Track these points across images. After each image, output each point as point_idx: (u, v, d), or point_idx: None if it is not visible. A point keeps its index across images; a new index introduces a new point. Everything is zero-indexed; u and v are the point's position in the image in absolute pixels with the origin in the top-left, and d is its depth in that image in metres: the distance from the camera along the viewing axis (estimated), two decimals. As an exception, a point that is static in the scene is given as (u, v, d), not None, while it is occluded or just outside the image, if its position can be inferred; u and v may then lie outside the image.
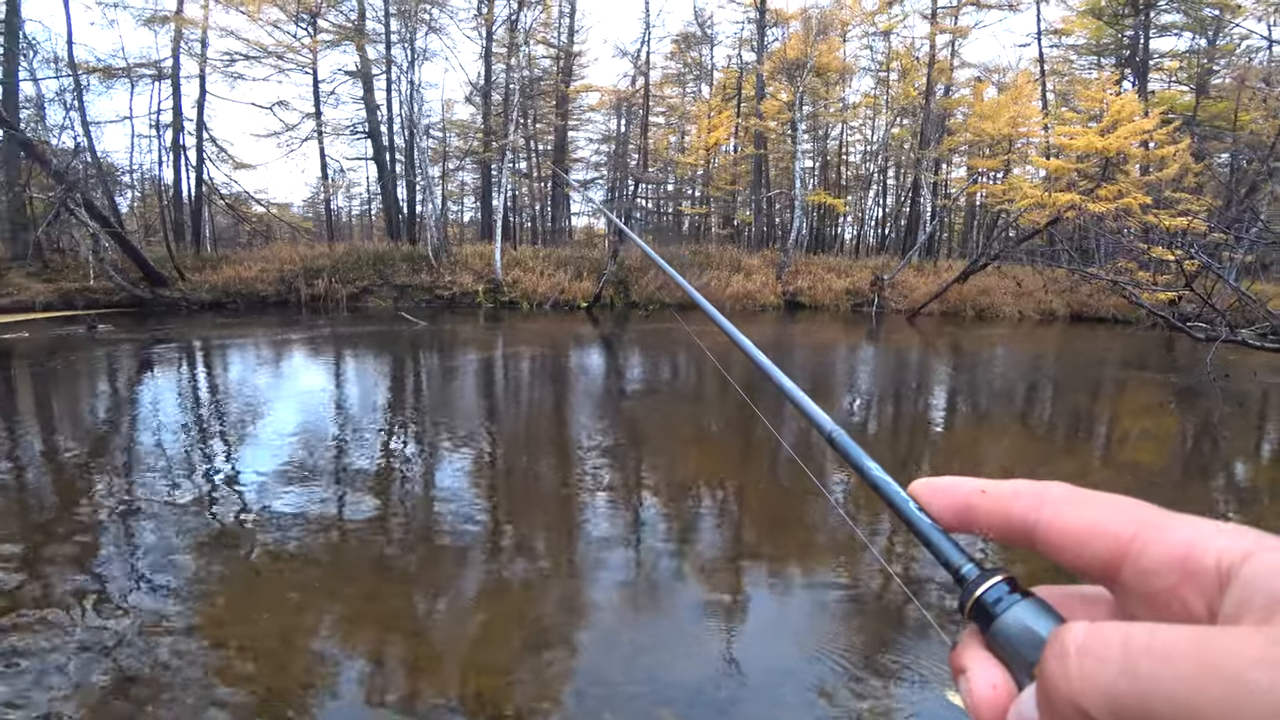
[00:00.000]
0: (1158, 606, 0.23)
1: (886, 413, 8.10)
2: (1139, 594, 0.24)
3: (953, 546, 0.30)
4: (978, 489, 0.30)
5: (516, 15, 24.11)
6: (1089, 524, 0.26)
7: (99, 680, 2.57)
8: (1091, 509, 0.26)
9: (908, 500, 0.32)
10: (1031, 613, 0.26)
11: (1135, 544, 0.24)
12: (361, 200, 38.72)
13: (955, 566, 0.29)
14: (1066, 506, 0.27)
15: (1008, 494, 0.29)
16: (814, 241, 30.76)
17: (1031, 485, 0.28)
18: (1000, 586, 0.27)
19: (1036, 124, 24.80)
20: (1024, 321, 19.91)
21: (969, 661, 0.27)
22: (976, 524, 0.30)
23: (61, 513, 4.32)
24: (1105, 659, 0.19)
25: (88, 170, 17.93)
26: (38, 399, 7.96)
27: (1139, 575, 0.24)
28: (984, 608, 0.27)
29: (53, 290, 16.69)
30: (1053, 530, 0.27)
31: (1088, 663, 0.20)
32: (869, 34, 29.86)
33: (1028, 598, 0.27)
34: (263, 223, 27.67)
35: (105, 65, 22.19)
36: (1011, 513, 0.28)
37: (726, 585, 3.52)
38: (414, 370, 10.41)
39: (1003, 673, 0.26)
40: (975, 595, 0.28)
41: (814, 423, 0.42)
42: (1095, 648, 0.20)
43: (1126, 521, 0.25)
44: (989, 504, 0.29)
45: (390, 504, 4.62)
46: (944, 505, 0.31)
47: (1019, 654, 0.25)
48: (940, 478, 0.32)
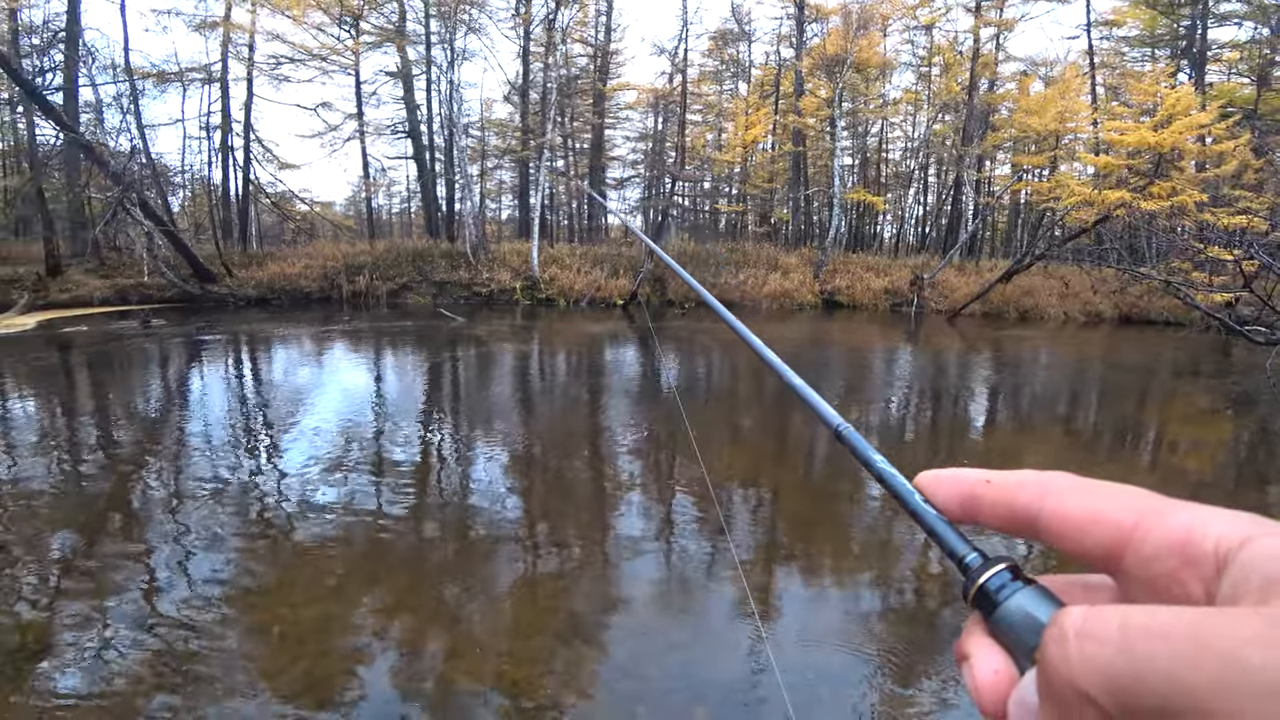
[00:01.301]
0: (1158, 591, 0.23)
1: (924, 416, 7.96)
2: (1141, 580, 0.24)
3: (957, 536, 0.30)
4: (982, 479, 0.30)
5: (554, 14, 24.26)
6: (1092, 512, 0.26)
7: (150, 657, 2.68)
8: (1094, 497, 0.26)
9: (913, 492, 0.32)
10: (1033, 599, 0.26)
11: (1137, 531, 0.24)
12: (401, 198, 39.45)
13: (959, 555, 0.30)
14: (1070, 495, 0.27)
15: (1012, 484, 0.29)
16: (852, 240, 30.33)
17: (1035, 475, 0.29)
18: (1003, 574, 0.27)
19: (1085, 119, 24.04)
20: (1069, 323, 19.33)
21: (972, 648, 0.27)
22: (981, 514, 0.30)
23: (116, 497, 4.51)
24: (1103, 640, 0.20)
25: (143, 171, 18.61)
26: (95, 390, 8.30)
27: (1140, 561, 0.24)
28: (987, 595, 0.27)
29: (109, 286, 17.37)
30: (1056, 519, 0.27)
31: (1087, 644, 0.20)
32: (910, 28, 29.29)
33: (1030, 585, 0.27)
34: (306, 221, 28.36)
35: (159, 70, 23.01)
36: (1016, 502, 0.28)
37: (760, 583, 3.51)
38: (452, 366, 10.58)
39: (1005, 659, 0.26)
40: (979, 583, 0.28)
41: (822, 418, 0.42)
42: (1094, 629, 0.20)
43: (1128, 509, 0.25)
44: (994, 494, 0.29)
45: (427, 496, 4.71)
46: (949, 496, 0.31)
47: (1021, 640, 0.26)
48: (945, 470, 0.32)
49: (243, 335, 12.78)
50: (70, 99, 18.79)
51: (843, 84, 22.96)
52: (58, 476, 4.91)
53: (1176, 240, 16.70)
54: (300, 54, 24.49)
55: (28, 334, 12.27)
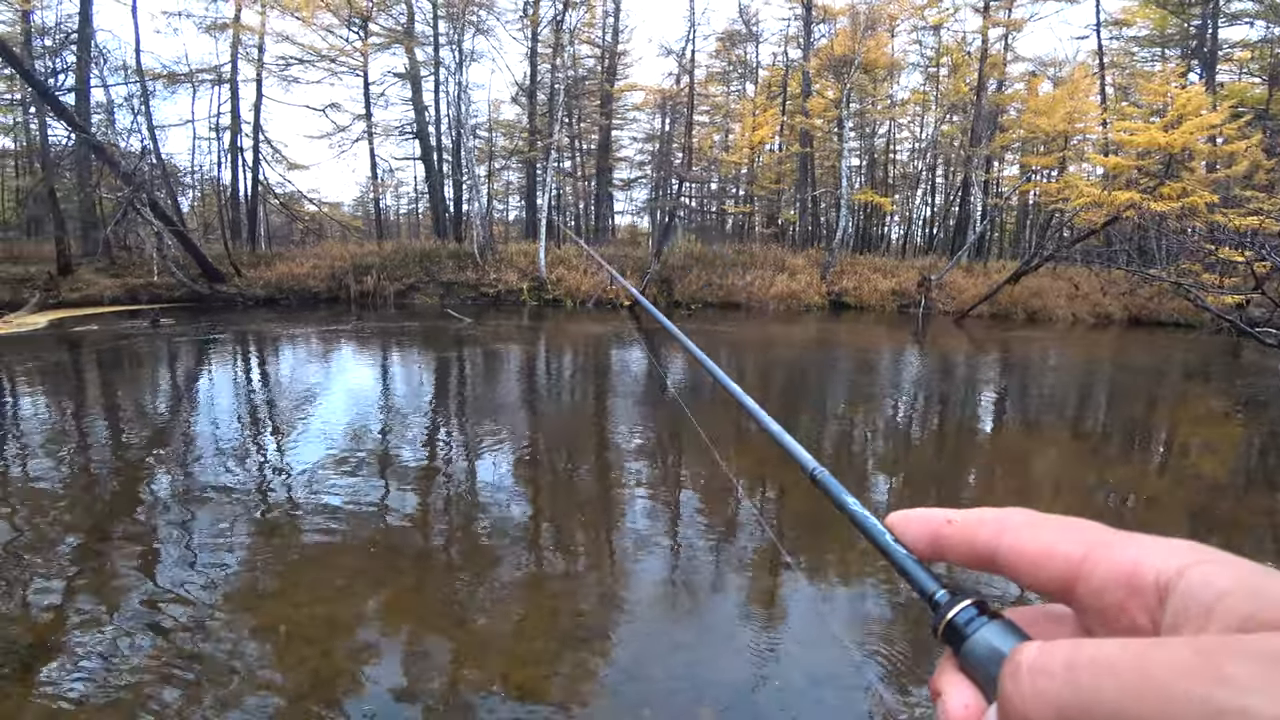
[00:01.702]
0: (1109, 621, 0.24)
1: (932, 417, 7.94)
2: (1093, 610, 0.25)
3: (926, 574, 0.31)
4: (945, 519, 0.31)
5: (562, 16, 24.30)
6: (1044, 547, 0.27)
7: (155, 657, 2.69)
8: (1047, 532, 0.27)
9: (884, 532, 0.33)
10: (997, 633, 0.27)
11: (1086, 564, 0.25)
12: (409, 199, 39.57)
13: (929, 593, 0.30)
14: (1025, 531, 0.28)
15: (973, 523, 0.30)
16: (860, 241, 30.26)
17: (994, 513, 0.30)
18: (969, 609, 0.28)
19: (1094, 119, 23.90)
20: (1078, 325, 19.23)
21: (944, 685, 0.28)
22: (947, 552, 0.31)
23: (123, 497, 4.54)
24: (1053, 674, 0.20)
25: (153, 172, 18.72)
26: (105, 388, 8.36)
27: (1091, 593, 0.25)
28: (955, 630, 0.28)
29: (119, 285, 17.50)
30: (1012, 554, 0.28)
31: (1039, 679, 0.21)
32: (918, 29, 29.23)
33: (996, 619, 0.27)
34: (315, 221, 28.50)
35: (169, 71, 23.16)
36: (976, 540, 0.29)
37: (766, 584, 3.50)
38: (458, 366, 10.60)
39: (975, 693, 0.27)
40: (947, 618, 0.28)
41: (798, 461, 0.43)
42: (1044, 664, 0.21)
43: (1078, 543, 0.26)
44: (956, 533, 0.30)
45: (433, 496, 4.72)
46: (917, 536, 0.32)
47: (987, 673, 0.26)
48: (914, 510, 0.33)
49: (251, 335, 12.85)
50: (82, 100, 18.92)
51: (850, 85, 22.90)
52: (67, 474, 4.95)
53: (1187, 241, 16.59)
54: (309, 55, 24.63)
55: (39, 332, 12.37)
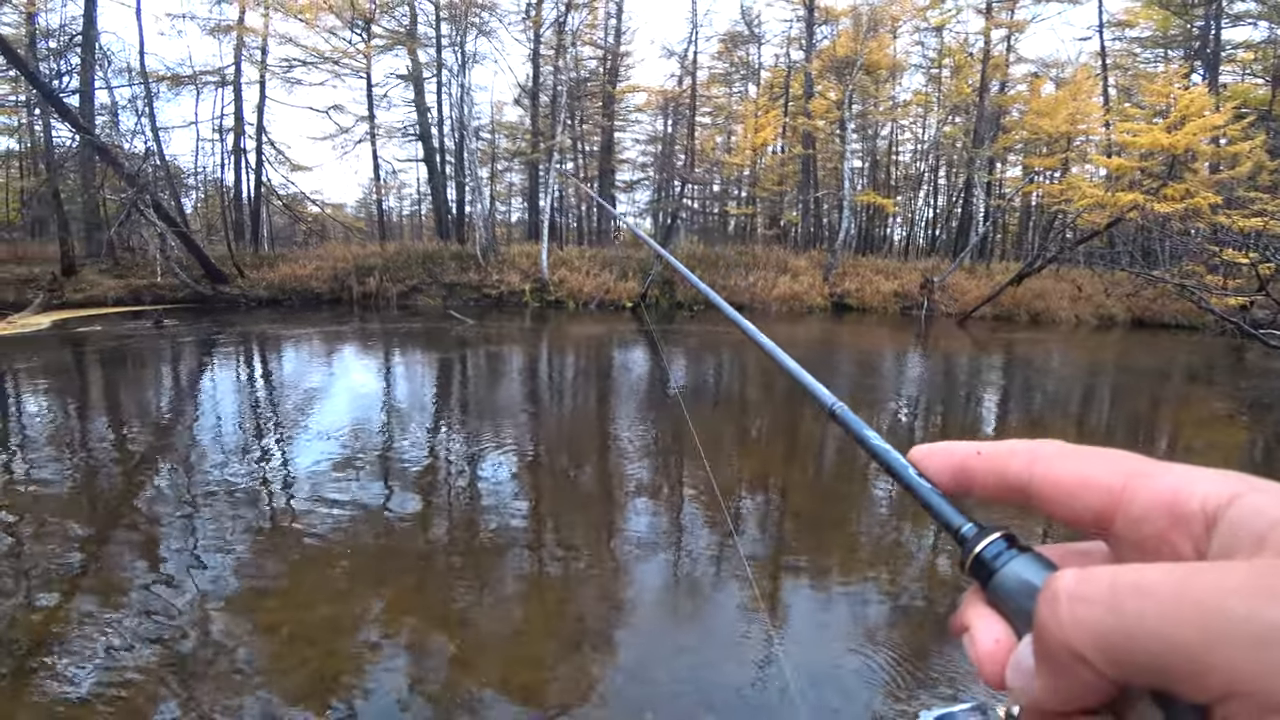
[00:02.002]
0: (1149, 553, 0.23)
1: (935, 418, 7.92)
2: (1131, 542, 0.24)
3: (951, 508, 0.31)
4: (974, 451, 0.30)
5: (564, 17, 24.34)
6: (1081, 477, 0.26)
7: (157, 657, 2.69)
8: (1083, 462, 0.27)
9: (907, 466, 0.33)
10: (1028, 566, 0.26)
11: (1125, 493, 0.24)
12: (412, 201, 39.61)
13: (955, 527, 0.30)
14: (1058, 462, 0.27)
15: (1003, 453, 0.29)
16: (862, 243, 30.23)
17: (1025, 444, 0.29)
18: (998, 543, 0.27)
19: (1097, 121, 23.87)
20: (1081, 326, 19.20)
21: (972, 618, 0.27)
22: (974, 484, 0.30)
23: (126, 497, 4.54)
24: (1094, 600, 0.20)
25: (156, 173, 18.78)
26: (107, 388, 8.38)
27: (1130, 523, 0.24)
28: (983, 564, 0.27)
29: (123, 286, 17.54)
30: (1046, 485, 0.27)
31: (1078, 606, 0.20)
32: (920, 30, 29.19)
33: (1025, 552, 0.27)
34: (317, 222, 28.54)
35: (173, 73, 23.22)
36: (1007, 471, 0.29)
37: (769, 587, 3.50)
38: (461, 367, 10.61)
39: (1005, 627, 0.26)
40: (974, 552, 0.28)
41: (816, 398, 0.42)
42: (1084, 591, 0.20)
43: (1116, 472, 0.25)
44: (985, 464, 0.30)
45: (436, 497, 4.72)
46: (941, 468, 0.31)
47: (1018, 606, 0.26)
48: (938, 443, 0.32)
49: (254, 336, 12.87)
50: (86, 102, 19.00)
51: (853, 86, 22.89)
52: (69, 474, 4.95)
53: (1190, 243, 16.56)
54: (312, 57, 24.68)
55: (42, 333, 12.39)
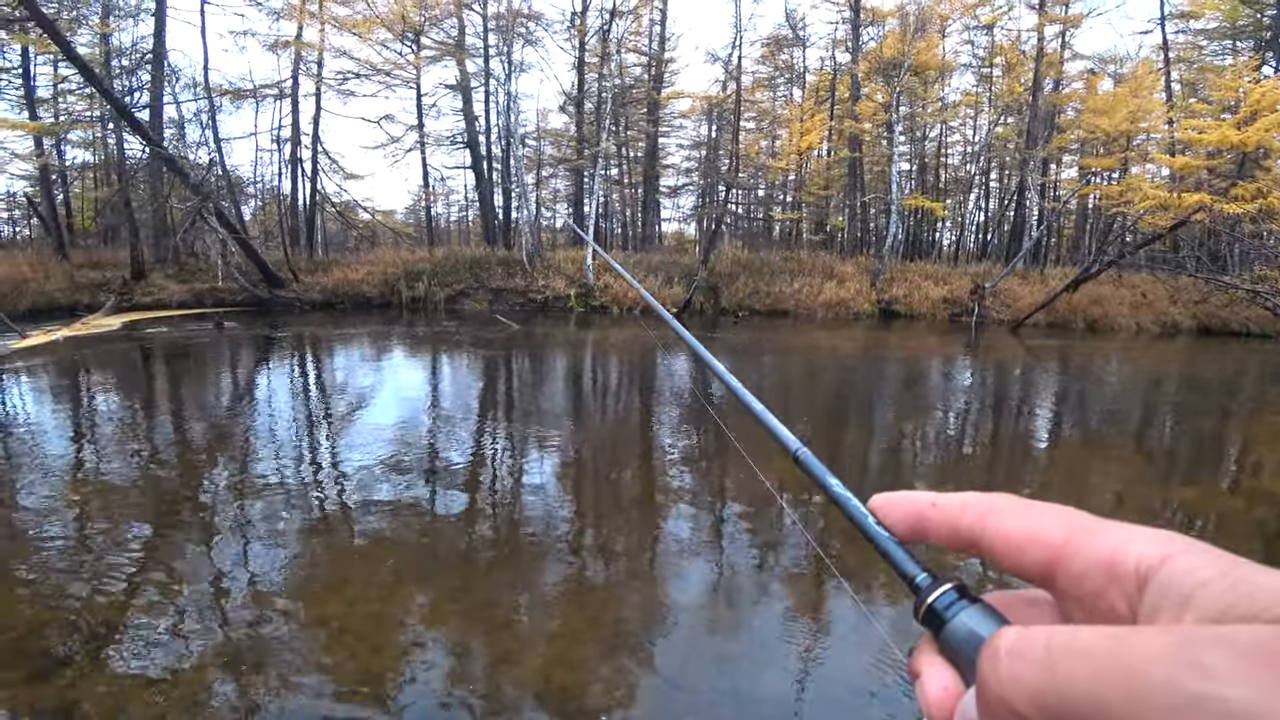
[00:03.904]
0: (1088, 608, 0.24)
1: (984, 429, 7.71)
2: (1072, 596, 0.25)
3: (907, 557, 0.31)
4: (929, 502, 0.31)
5: (609, 25, 24.56)
6: (1027, 531, 0.27)
7: (215, 644, 2.81)
8: (1030, 517, 0.27)
9: (867, 515, 0.33)
10: (977, 617, 0.27)
11: (1067, 549, 0.25)
12: (460, 207, 40.39)
13: (910, 576, 0.30)
14: (1008, 517, 0.28)
15: (956, 506, 0.30)
16: (910, 247, 29.63)
17: (978, 497, 0.30)
18: (950, 593, 0.28)
19: (1160, 118, 22.95)
20: (1142, 334, 18.42)
21: (923, 665, 0.28)
22: (929, 535, 0.31)
23: (186, 489, 4.75)
24: (1031, 659, 0.20)
25: (219, 182, 19.63)
26: (172, 387, 8.77)
27: (1071, 579, 0.25)
28: (935, 613, 0.28)
29: (187, 290, 18.34)
30: (996, 539, 0.28)
31: (1016, 664, 0.21)
32: (970, 28, 28.52)
33: (975, 603, 0.28)
34: (368, 228, 29.41)
35: (235, 88, 24.22)
36: (960, 523, 0.30)
37: (811, 598, 3.46)
38: (506, 370, 10.77)
39: (954, 675, 0.27)
40: (927, 602, 0.29)
41: (780, 442, 0.43)
42: (1023, 649, 0.21)
43: (1060, 528, 0.26)
44: (939, 516, 0.31)
45: (479, 498, 4.80)
46: (899, 518, 0.32)
47: (966, 656, 0.26)
48: (897, 492, 0.33)
49: (307, 338, 13.30)
50: (155, 116, 19.96)
51: (900, 87, 22.50)
52: (135, 466, 5.20)
53: (1263, 246, 15.76)
54: (365, 69, 25.44)
55: (114, 334, 13.06)
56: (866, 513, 0.33)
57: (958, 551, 0.30)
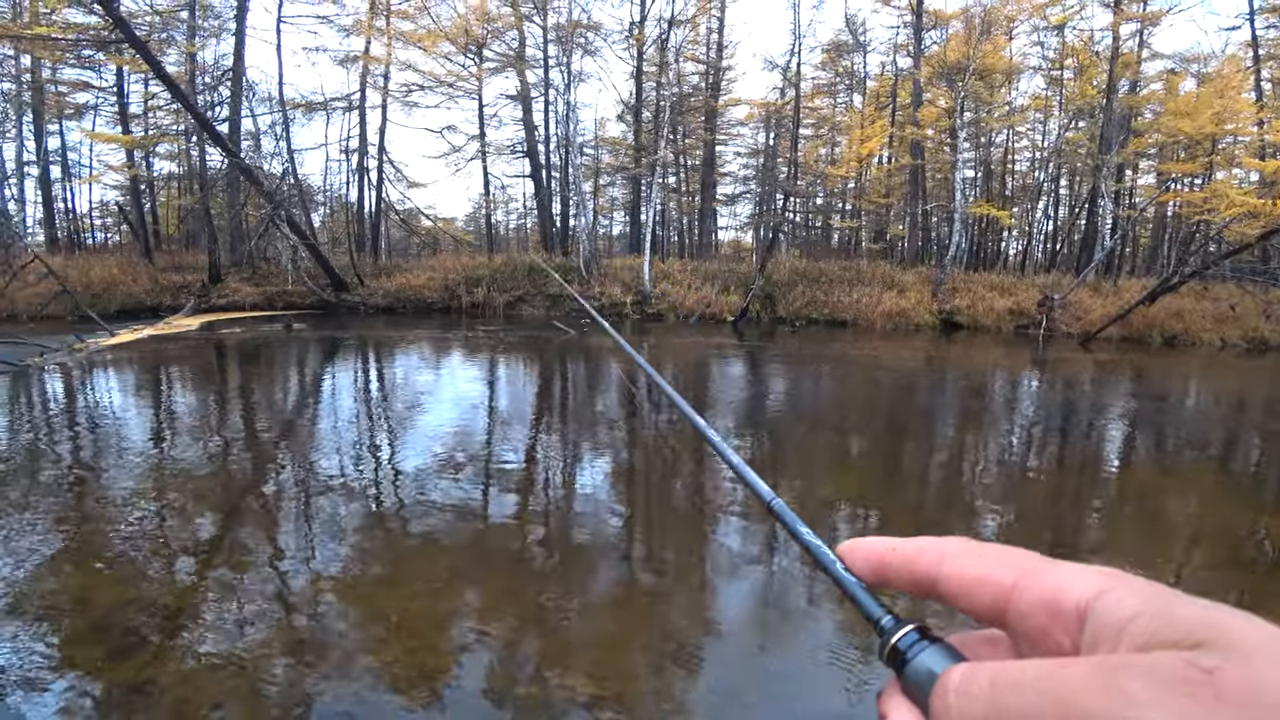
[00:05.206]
0: (1037, 645, 0.25)
1: (1050, 449, 7.38)
2: (1023, 634, 0.26)
3: (873, 600, 0.32)
4: (889, 548, 0.32)
5: (666, 35, 24.68)
6: (979, 574, 0.28)
7: (278, 631, 2.91)
8: (982, 561, 0.28)
9: (835, 561, 0.34)
10: (935, 656, 0.28)
11: (1015, 590, 0.26)
12: (519, 214, 41.26)
13: (875, 618, 0.31)
14: (962, 560, 0.29)
15: (913, 551, 0.31)
16: (974, 257, 28.71)
17: (934, 541, 0.31)
18: (911, 634, 0.29)
19: (1248, 119, 21.62)
20: (1226, 350, 17.34)
21: (889, 707, 0.29)
22: (890, 579, 0.32)
23: (254, 482, 4.96)
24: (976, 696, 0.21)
25: (291, 191, 20.54)
26: (244, 384, 9.19)
27: (1019, 618, 0.26)
28: (898, 654, 0.29)
29: (259, 293, 19.23)
30: (950, 581, 0.29)
31: (963, 700, 0.22)
32: (1039, 29, 27.44)
33: (936, 643, 0.29)
34: (430, 235, 30.28)
35: (307, 101, 25.38)
36: (916, 568, 0.31)
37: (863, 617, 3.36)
38: (562, 375, 10.89)
39: (917, 716, 0.27)
40: (891, 643, 0.29)
41: (754, 491, 0.43)
42: (968, 686, 0.22)
43: (1010, 570, 0.27)
44: (898, 560, 0.32)
45: (532, 501, 4.86)
46: (863, 563, 0.33)
47: (926, 694, 0.27)
48: (862, 539, 0.34)
49: (371, 340, 13.76)
50: (234, 128, 21.06)
51: (964, 92, 21.85)
52: (209, 457, 5.47)
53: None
54: (429, 81, 26.30)
55: (193, 334, 13.82)
56: (835, 558, 0.35)
57: (918, 596, 0.31)
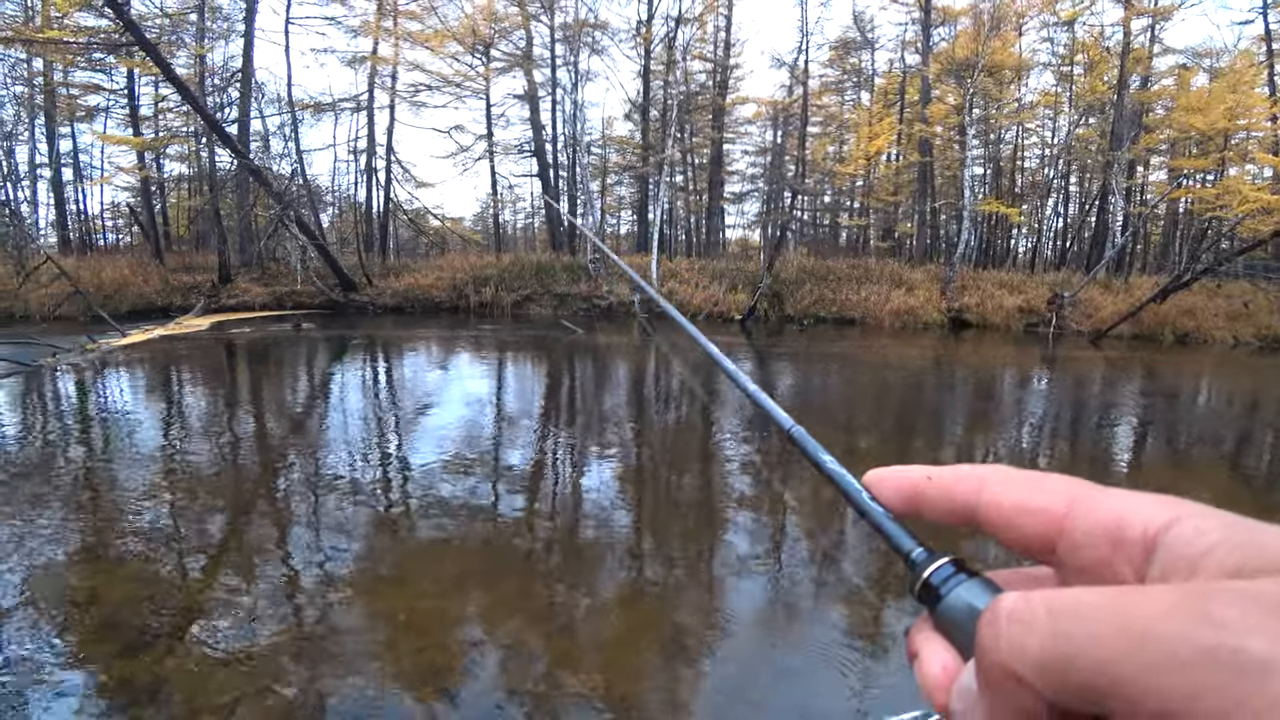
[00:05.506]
0: (1091, 577, 0.23)
1: (1061, 446, 7.34)
2: (1074, 567, 0.24)
3: (902, 531, 0.31)
4: (924, 475, 0.31)
5: (674, 33, 24.64)
6: (1024, 502, 0.26)
7: (288, 630, 2.93)
8: (1027, 488, 0.27)
9: (861, 491, 0.33)
10: (975, 591, 0.26)
11: (1068, 519, 0.25)
12: (526, 214, 41.24)
13: (905, 551, 0.30)
14: (1004, 487, 0.27)
15: (950, 478, 0.29)
16: (983, 255, 28.49)
17: (973, 469, 0.29)
18: (946, 567, 0.27)
19: (1262, 114, 21.34)
20: (1239, 349, 17.17)
21: (920, 644, 0.27)
22: (924, 509, 0.30)
23: (263, 481, 4.99)
24: (1032, 623, 0.20)
25: (300, 192, 20.64)
26: (253, 384, 9.25)
27: (1073, 549, 0.24)
28: (931, 589, 0.27)
29: (268, 293, 19.33)
30: (992, 509, 0.27)
31: (1015, 628, 0.20)
32: (1049, 25, 27.18)
33: (973, 577, 0.27)
34: (438, 235, 30.33)
35: (315, 102, 25.46)
36: (955, 495, 0.29)
37: (874, 614, 3.36)
38: (569, 375, 10.90)
39: (953, 653, 0.26)
40: (923, 577, 0.28)
41: (775, 420, 0.43)
42: (1023, 614, 0.20)
43: (1060, 497, 0.25)
44: (934, 489, 0.30)
45: (540, 501, 4.86)
46: (893, 492, 0.32)
47: (964, 631, 0.25)
48: (890, 467, 0.32)
49: (379, 340, 13.82)
50: (243, 129, 21.16)
51: (973, 89, 21.71)
52: (219, 456, 5.51)
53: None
54: (437, 81, 26.33)
55: (203, 333, 13.90)
56: (861, 488, 0.33)
57: (954, 524, 0.29)
